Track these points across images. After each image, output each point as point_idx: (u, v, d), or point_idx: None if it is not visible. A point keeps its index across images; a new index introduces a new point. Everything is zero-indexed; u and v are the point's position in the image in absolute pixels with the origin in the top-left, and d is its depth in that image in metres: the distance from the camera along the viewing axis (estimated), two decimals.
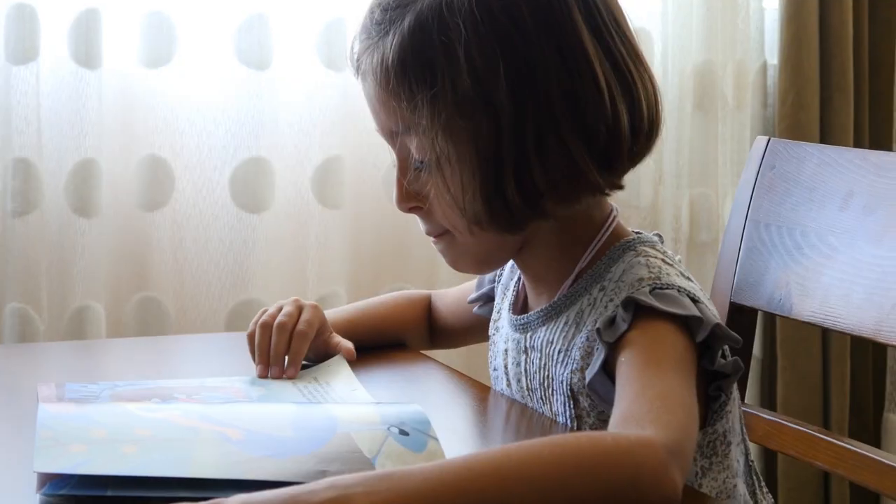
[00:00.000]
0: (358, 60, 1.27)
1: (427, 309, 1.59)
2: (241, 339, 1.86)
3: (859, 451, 1.38)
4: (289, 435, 1.07)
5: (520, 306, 1.35)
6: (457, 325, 1.57)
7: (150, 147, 2.20)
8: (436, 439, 1.10)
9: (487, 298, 1.47)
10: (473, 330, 1.55)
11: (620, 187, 1.25)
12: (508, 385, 1.35)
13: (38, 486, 1.01)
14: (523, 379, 1.32)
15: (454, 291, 1.59)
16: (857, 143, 2.52)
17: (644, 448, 0.99)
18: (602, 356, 1.17)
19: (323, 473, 1.02)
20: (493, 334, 1.40)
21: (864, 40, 2.52)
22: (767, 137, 1.58)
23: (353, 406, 1.18)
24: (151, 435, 1.05)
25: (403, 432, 1.10)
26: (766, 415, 1.52)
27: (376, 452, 1.06)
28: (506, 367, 1.35)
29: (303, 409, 1.14)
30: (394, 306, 1.58)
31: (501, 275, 1.43)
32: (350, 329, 1.49)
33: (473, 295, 1.49)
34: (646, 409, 1.06)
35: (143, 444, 1.03)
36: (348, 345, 1.45)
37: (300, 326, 1.41)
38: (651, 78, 1.25)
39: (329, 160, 2.29)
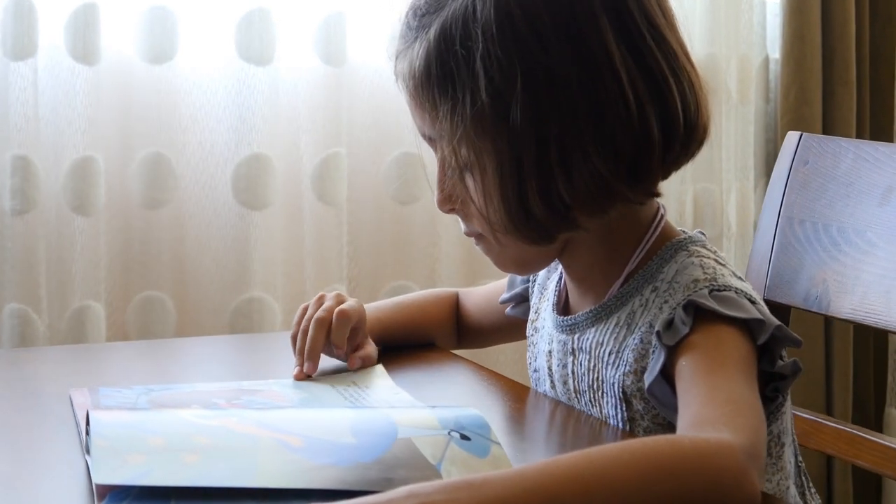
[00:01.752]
0: (394, 65, 1.25)
1: (455, 307, 1.57)
2: (248, 340, 1.85)
3: None
4: (350, 441, 1.04)
5: (562, 306, 1.33)
6: (485, 324, 1.54)
7: (152, 144, 2.16)
8: (498, 444, 1.07)
9: (521, 299, 1.44)
10: (502, 330, 1.52)
11: (656, 195, 1.22)
12: (553, 387, 1.32)
13: (97, 497, 0.98)
14: (570, 381, 1.29)
15: (482, 290, 1.56)
16: (859, 137, 2.51)
17: (724, 451, 0.97)
18: (662, 359, 1.14)
19: (389, 481, 0.99)
20: (532, 335, 1.37)
21: (866, 35, 2.52)
22: (799, 133, 1.56)
23: (409, 410, 1.15)
24: (211, 443, 1.01)
25: (465, 437, 1.07)
26: (805, 414, 1.50)
27: (440, 458, 1.04)
28: (550, 369, 1.32)
29: (361, 415, 1.11)
30: (423, 304, 1.55)
31: (537, 274, 1.41)
32: (381, 328, 1.46)
33: (505, 295, 1.46)
34: (718, 412, 1.04)
35: (204, 453, 1.00)
36: (370, 352, 1.42)
37: (342, 307, 1.38)
38: (692, 80, 1.21)
39: (329, 157, 2.26)
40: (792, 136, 1.56)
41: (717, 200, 2.46)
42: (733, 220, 2.46)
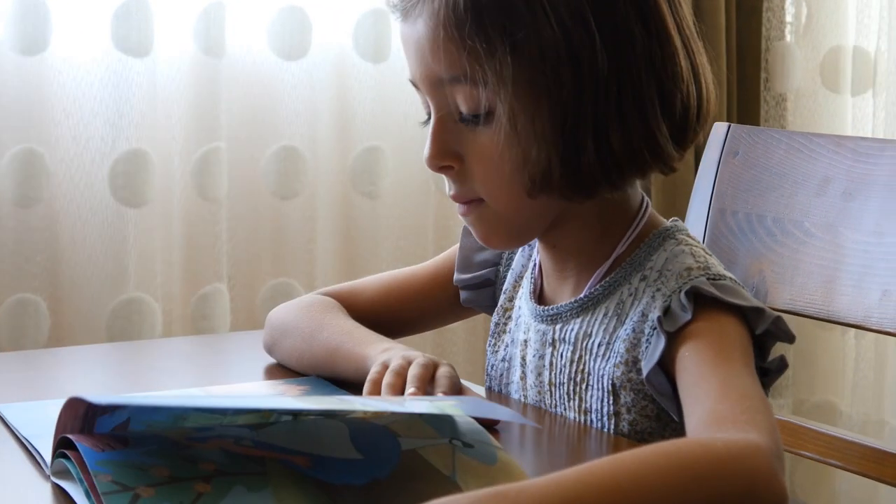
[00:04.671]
0: (410, 1, 1.19)
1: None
2: (140, 347, 1.77)
3: (859, 441, 1.38)
4: (357, 457, 1.00)
5: (537, 294, 1.30)
6: (384, 319, 1.43)
7: (24, 140, 2.06)
8: (502, 449, 1.04)
9: (485, 281, 1.39)
10: (406, 327, 1.45)
11: (675, 169, 1.22)
12: (523, 378, 1.29)
13: None
14: (545, 372, 1.26)
15: (377, 286, 1.46)
16: None
17: (755, 454, 0.96)
18: (661, 347, 1.13)
19: (413, 494, 0.95)
20: (506, 323, 1.34)
21: (733, 27, 2.56)
22: (727, 123, 1.56)
23: (398, 419, 1.10)
24: (216, 469, 0.95)
25: (467, 444, 1.04)
26: None
27: (452, 468, 1.00)
28: (523, 359, 1.29)
29: (354, 426, 1.06)
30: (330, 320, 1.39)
31: (511, 259, 1.37)
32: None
33: (465, 276, 1.39)
34: (737, 409, 1.03)
35: (214, 481, 0.93)
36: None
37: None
38: (709, 73, 1.24)
39: (208, 152, 2.18)
40: (719, 127, 1.56)
41: None
42: None
